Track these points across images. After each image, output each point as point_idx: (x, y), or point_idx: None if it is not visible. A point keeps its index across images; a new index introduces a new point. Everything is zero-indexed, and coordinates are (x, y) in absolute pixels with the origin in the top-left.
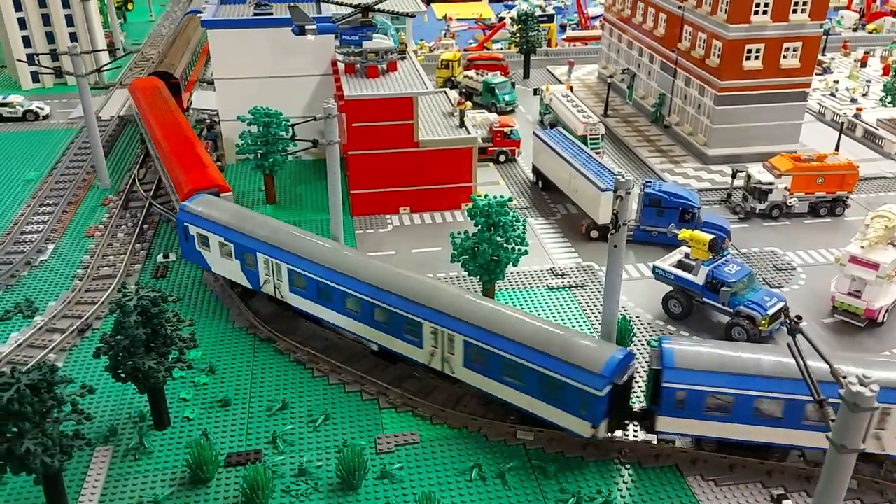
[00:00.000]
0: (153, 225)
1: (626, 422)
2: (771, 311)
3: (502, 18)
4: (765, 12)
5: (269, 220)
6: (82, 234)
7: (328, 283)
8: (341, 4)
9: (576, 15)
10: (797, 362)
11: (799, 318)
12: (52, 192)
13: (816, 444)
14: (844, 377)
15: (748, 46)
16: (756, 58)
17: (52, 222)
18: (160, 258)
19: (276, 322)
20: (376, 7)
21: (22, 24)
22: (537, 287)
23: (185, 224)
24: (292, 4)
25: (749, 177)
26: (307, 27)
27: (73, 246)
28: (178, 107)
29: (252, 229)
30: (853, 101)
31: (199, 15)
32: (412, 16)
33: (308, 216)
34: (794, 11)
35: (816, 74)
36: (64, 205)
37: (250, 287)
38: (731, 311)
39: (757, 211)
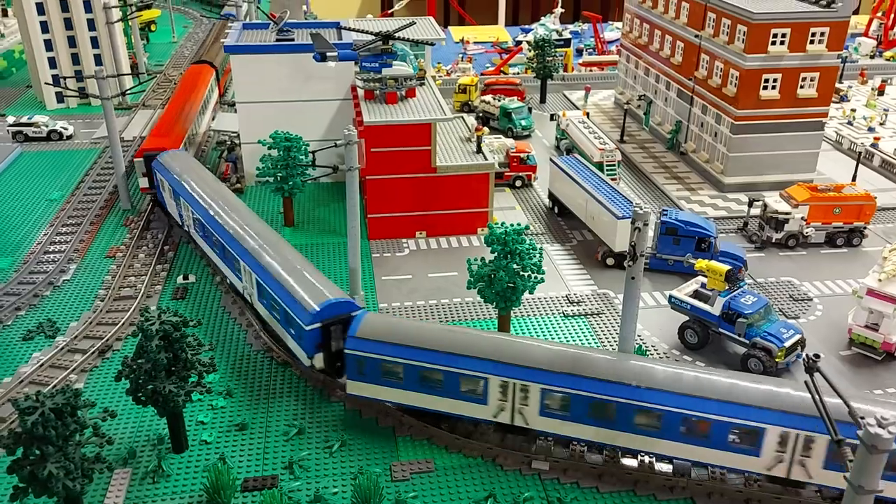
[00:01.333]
0: (174, 246)
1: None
2: (787, 343)
3: (519, 43)
4: (782, 43)
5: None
6: (104, 255)
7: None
8: (362, 32)
9: (592, 39)
10: (815, 401)
11: (817, 356)
12: (74, 212)
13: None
14: (863, 418)
15: (765, 76)
16: (773, 87)
17: (74, 242)
18: (180, 279)
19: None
20: (396, 35)
21: (48, 45)
22: (553, 314)
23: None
24: (314, 32)
25: (765, 206)
26: (328, 54)
27: (95, 266)
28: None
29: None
30: (870, 129)
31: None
32: (431, 44)
33: (326, 239)
34: (812, 42)
35: (833, 103)
36: (87, 225)
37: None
38: (748, 342)
39: (773, 240)
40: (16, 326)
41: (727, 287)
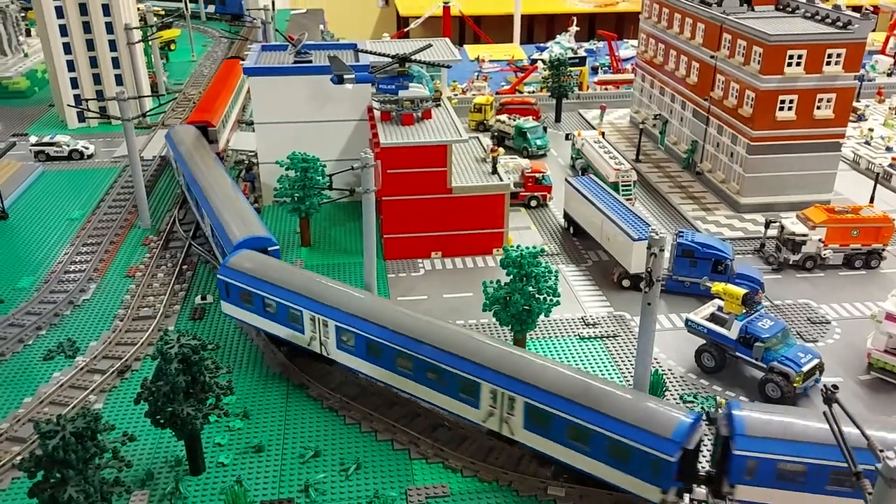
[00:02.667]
0: (192, 266)
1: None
2: (805, 368)
3: (534, 61)
4: (798, 64)
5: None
6: (123, 274)
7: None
8: (378, 55)
9: (607, 58)
10: (833, 431)
11: (835, 387)
12: (95, 231)
13: None
14: (882, 451)
15: (781, 97)
16: (789, 108)
17: (94, 262)
18: (198, 300)
19: (310, 368)
20: (413, 58)
21: (70, 66)
22: (568, 336)
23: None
24: (332, 54)
25: (782, 227)
26: (346, 77)
27: (115, 286)
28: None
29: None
30: (888, 149)
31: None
32: (448, 66)
33: (342, 259)
34: (828, 63)
35: (850, 122)
36: (106, 244)
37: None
38: (765, 366)
39: (790, 262)
40: (37, 346)
41: (744, 311)
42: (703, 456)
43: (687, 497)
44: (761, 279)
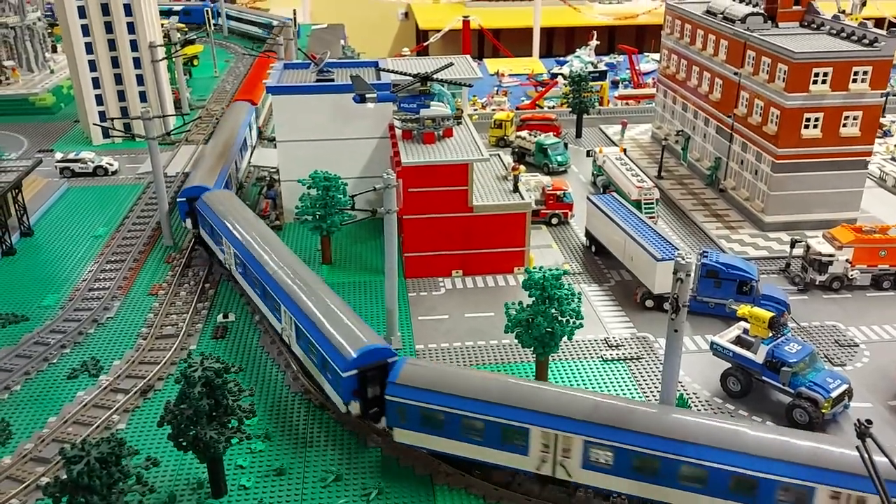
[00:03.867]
0: (214, 284)
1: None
2: (834, 394)
3: (555, 76)
4: (824, 81)
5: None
6: (147, 292)
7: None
8: (400, 74)
9: (628, 72)
10: (867, 467)
11: (869, 422)
12: (119, 249)
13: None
14: None
15: (807, 115)
16: (815, 126)
17: (118, 279)
18: (220, 318)
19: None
20: (434, 77)
21: (95, 83)
22: (591, 358)
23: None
24: (354, 74)
25: (808, 247)
26: (367, 96)
27: (138, 304)
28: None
29: None
30: None
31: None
32: (469, 85)
33: (363, 277)
34: (854, 81)
35: (877, 138)
36: (130, 262)
37: None
38: (793, 392)
39: (817, 283)
40: (61, 364)
41: (771, 334)
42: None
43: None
44: (787, 300)
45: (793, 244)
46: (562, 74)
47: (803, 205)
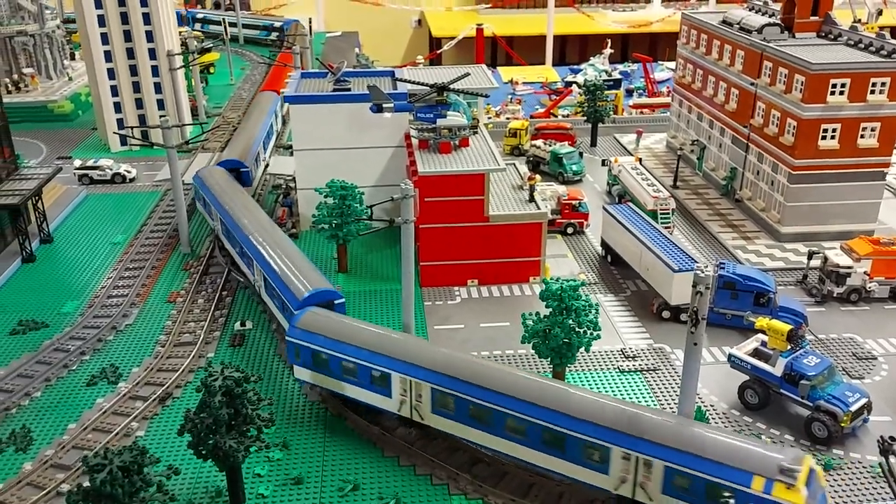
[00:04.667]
0: (231, 291)
1: None
2: (854, 408)
3: (569, 84)
4: (841, 93)
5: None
6: (165, 299)
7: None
8: (416, 84)
9: (642, 80)
10: (890, 485)
11: (893, 438)
12: (137, 256)
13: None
14: None
15: (824, 126)
16: (832, 137)
17: (137, 286)
18: (237, 326)
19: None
20: (451, 87)
21: (114, 91)
22: (608, 369)
23: None
24: (371, 84)
25: (826, 259)
26: (385, 105)
27: (156, 311)
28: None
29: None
30: None
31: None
32: (486, 96)
33: (379, 286)
34: (872, 92)
35: (895, 149)
36: (148, 269)
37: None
38: (811, 405)
39: (834, 295)
40: (81, 371)
41: (789, 347)
42: None
43: None
44: (805, 312)
45: (810, 256)
46: (576, 83)
47: (820, 216)
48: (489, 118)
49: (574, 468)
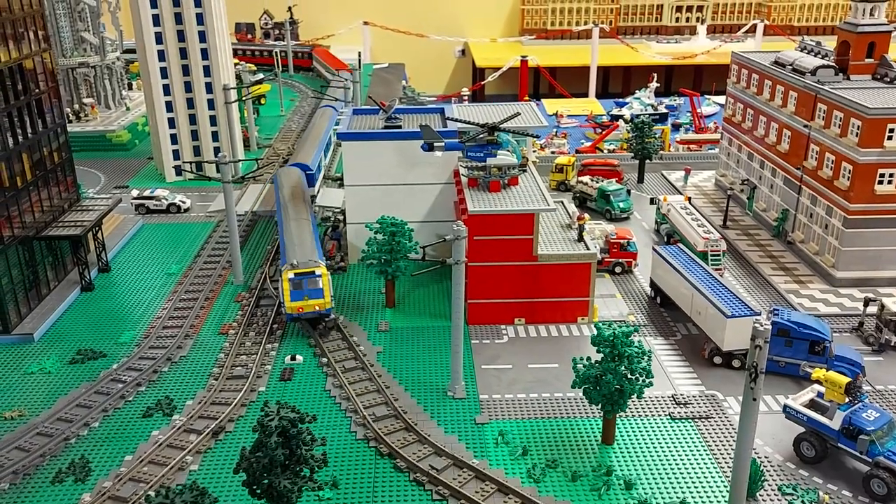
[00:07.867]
0: (282, 324)
1: None
2: None
3: (615, 118)
4: None
5: None
6: (217, 332)
7: None
8: (466, 123)
9: (688, 115)
10: None
11: None
12: (191, 287)
13: None
14: None
15: (881, 170)
16: (889, 182)
17: (191, 318)
18: (287, 360)
19: (397, 434)
20: (502, 126)
21: (171, 123)
22: (658, 416)
23: None
24: (423, 124)
25: (883, 306)
26: (436, 144)
27: (209, 343)
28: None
29: None
30: None
31: None
32: (536, 136)
33: (427, 322)
34: None
35: None
36: (202, 301)
37: None
38: (870, 461)
39: (892, 344)
40: (137, 402)
41: (847, 400)
42: None
43: None
44: (862, 362)
45: (866, 302)
46: (622, 118)
47: (876, 261)
48: (534, 152)
49: None
